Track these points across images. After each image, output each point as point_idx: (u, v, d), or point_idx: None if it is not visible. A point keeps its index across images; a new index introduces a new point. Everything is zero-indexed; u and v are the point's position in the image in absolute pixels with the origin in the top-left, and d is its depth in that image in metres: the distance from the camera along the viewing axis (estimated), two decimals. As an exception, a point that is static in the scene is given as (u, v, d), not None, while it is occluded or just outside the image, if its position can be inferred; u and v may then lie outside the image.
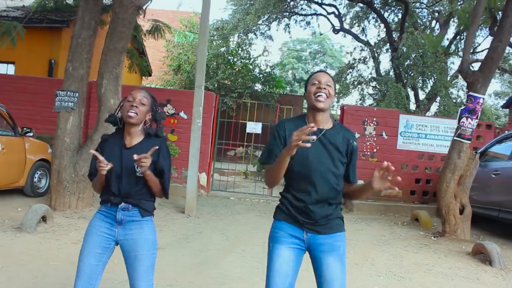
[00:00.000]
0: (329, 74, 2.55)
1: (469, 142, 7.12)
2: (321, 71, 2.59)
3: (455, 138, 7.14)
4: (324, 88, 2.46)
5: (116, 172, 2.62)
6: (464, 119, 6.96)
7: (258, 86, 20.03)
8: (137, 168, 2.59)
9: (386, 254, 6.09)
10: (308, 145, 2.15)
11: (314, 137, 2.23)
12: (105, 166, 2.53)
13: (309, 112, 2.56)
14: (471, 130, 7.01)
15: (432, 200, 10.10)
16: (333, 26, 21.01)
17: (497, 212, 7.41)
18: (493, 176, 7.56)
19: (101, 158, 2.54)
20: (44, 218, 5.99)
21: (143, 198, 2.68)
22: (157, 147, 2.56)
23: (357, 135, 9.24)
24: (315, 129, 2.13)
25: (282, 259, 2.46)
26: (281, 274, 2.44)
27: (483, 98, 7.06)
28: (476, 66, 8.26)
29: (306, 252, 2.55)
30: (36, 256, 4.78)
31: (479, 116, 7.01)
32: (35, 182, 7.97)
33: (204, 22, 8.33)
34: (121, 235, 2.65)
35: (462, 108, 7.11)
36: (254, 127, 10.69)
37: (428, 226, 8.08)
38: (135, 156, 2.49)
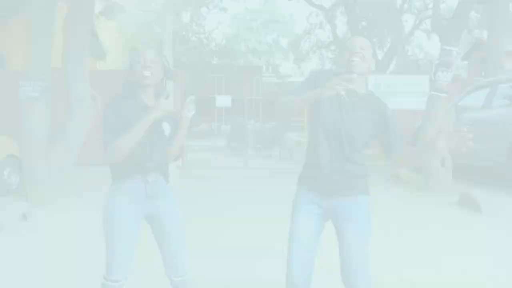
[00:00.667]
0: (364, 37, 2.49)
1: (446, 95, 7.22)
2: (355, 36, 2.54)
3: (432, 92, 7.22)
4: (358, 52, 2.37)
5: (149, 136, 2.37)
6: (439, 73, 7.02)
7: (215, 60, 19.74)
8: (165, 127, 2.49)
9: (378, 214, 6.07)
10: (343, 92, 2.11)
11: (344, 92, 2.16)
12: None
13: None
14: (447, 82, 7.09)
15: (407, 157, 10.26)
16: (286, -8, 20.76)
17: (475, 161, 7.59)
18: (468, 126, 7.68)
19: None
20: (24, 216, 5.69)
21: (165, 163, 2.56)
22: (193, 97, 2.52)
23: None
24: (354, 76, 2.14)
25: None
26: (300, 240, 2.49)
27: (456, 51, 7.14)
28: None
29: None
30: (27, 258, 4.48)
31: (453, 68, 7.10)
32: (4, 179, 7.57)
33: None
34: (151, 208, 2.50)
35: (436, 62, 7.17)
36: (223, 101, 10.51)
37: (410, 183, 8.20)
38: (192, 98, 2.47)
